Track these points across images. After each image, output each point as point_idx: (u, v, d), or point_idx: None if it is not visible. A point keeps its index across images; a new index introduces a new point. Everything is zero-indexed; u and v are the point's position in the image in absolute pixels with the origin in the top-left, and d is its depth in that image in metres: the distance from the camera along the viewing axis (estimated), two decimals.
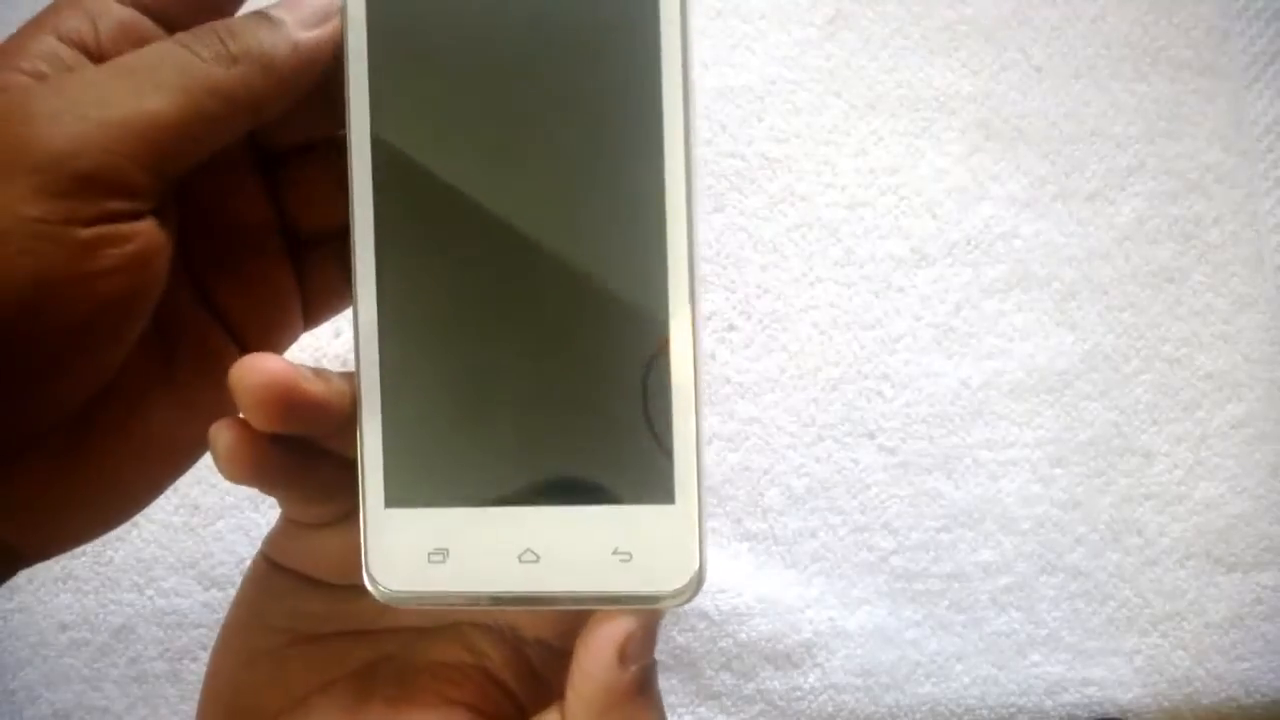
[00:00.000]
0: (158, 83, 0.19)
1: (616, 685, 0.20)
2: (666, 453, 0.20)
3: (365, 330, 0.21)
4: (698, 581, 0.20)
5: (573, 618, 0.22)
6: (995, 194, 0.40)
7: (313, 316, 0.25)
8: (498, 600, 0.20)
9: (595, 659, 0.20)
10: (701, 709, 0.37)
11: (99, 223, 0.19)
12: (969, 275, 0.40)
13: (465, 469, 0.21)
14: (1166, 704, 0.38)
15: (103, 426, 0.21)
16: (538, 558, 0.20)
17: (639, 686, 0.20)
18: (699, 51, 0.40)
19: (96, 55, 0.20)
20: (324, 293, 0.25)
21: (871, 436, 0.39)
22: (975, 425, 0.39)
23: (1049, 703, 0.38)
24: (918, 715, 0.37)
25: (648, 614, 0.20)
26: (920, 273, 0.40)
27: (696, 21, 0.19)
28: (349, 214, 0.21)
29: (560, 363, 0.20)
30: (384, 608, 0.22)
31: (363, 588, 0.21)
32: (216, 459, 0.20)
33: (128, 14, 0.21)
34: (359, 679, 0.23)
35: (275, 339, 0.24)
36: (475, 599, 0.21)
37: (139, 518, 0.36)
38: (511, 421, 0.21)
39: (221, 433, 0.20)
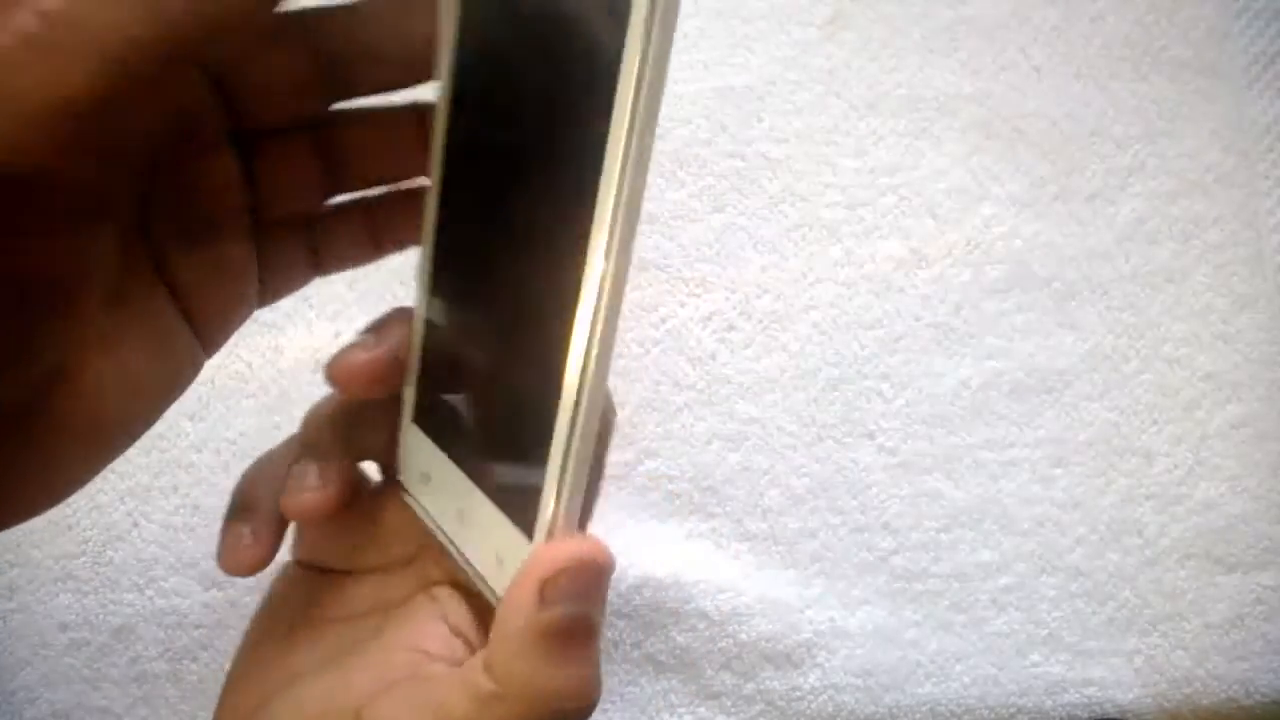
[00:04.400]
0: (70, 53, 0.17)
1: (532, 624, 0.19)
2: (533, 491, 0.20)
3: (422, 272, 0.23)
4: None
5: None
6: (995, 194, 0.40)
7: (267, 298, 0.25)
8: (441, 539, 0.22)
9: (515, 591, 0.19)
10: (701, 709, 0.37)
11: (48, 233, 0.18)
12: (969, 275, 0.40)
13: (448, 416, 0.23)
14: (1166, 704, 0.38)
15: (47, 409, 0.20)
16: (463, 522, 0.22)
17: (562, 633, 0.19)
18: (700, 52, 0.40)
19: None
20: (283, 275, 0.25)
21: (871, 437, 0.39)
22: (975, 425, 0.39)
23: (1049, 703, 0.38)
24: (918, 715, 0.37)
25: (587, 559, 0.19)
26: (920, 273, 0.40)
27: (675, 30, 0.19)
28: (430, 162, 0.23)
29: (502, 359, 0.21)
30: (377, 591, 0.24)
31: (364, 572, 0.24)
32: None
33: None
34: (348, 652, 0.24)
35: (227, 318, 0.24)
36: (434, 529, 0.23)
37: (139, 518, 0.36)
38: (475, 394, 0.22)
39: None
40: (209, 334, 0.23)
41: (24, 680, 0.35)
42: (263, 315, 0.39)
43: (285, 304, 0.39)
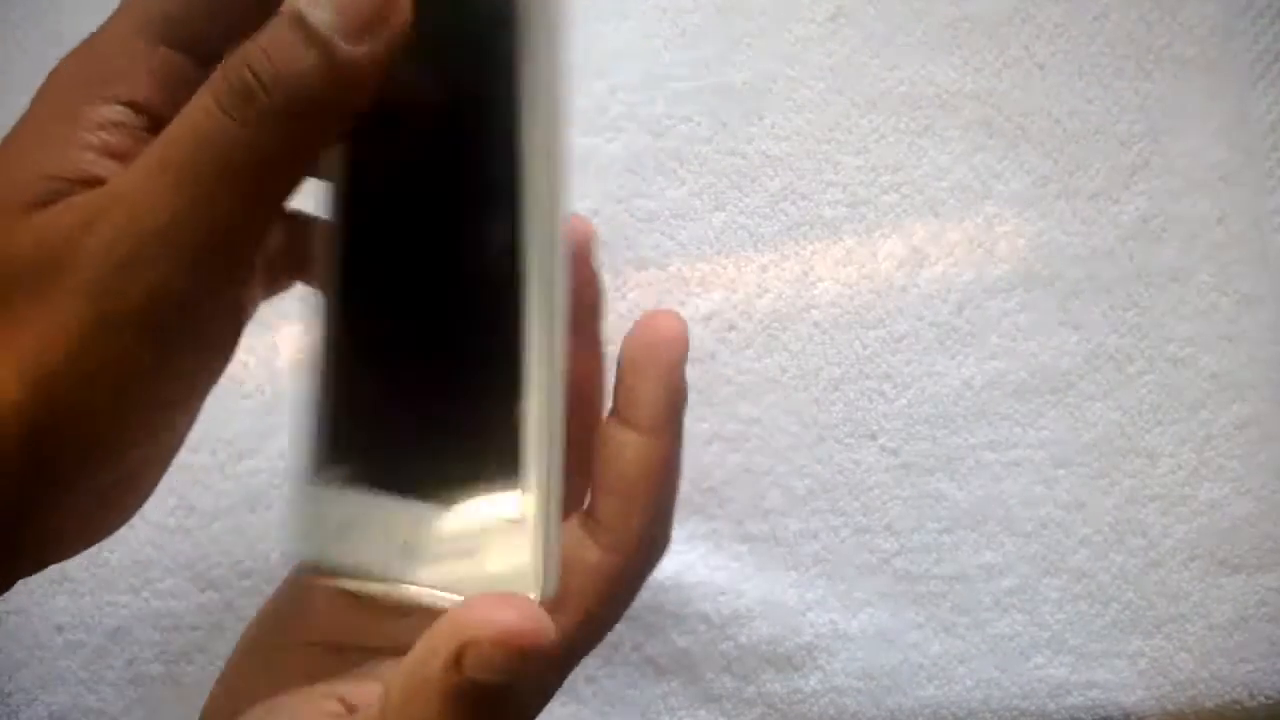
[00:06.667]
0: (196, 188, 0.18)
1: (438, 684, 0.17)
2: (510, 470, 0.20)
3: (320, 310, 0.22)
4: (541, 597, 0.20)
5: None
6: (998, 192, 0.40)
7: (274, 292, 0.25)
8: (382, 586, 0.21)
9: (433, 643, 0.18)
10: (702, 711, 0.37)
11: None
12: (972, 274, 0.40)
13: (365, 457, 0.21)
14: (1170, 706, 0.38)
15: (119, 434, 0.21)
16: (412, 552, 0.21)
17: (468, 701, 0.17)
18: (700, 49, 0.40)
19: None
20: (276, 269, 0.25)
21: (873, 437, 0.38)
22: (978, 426, 0.39)
23: (1052, 705, 0.37)
24: (920, 718, 0.37)
25: (503, 632, 0.17)
26: (922, 272, 0.39)
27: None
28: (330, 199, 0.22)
29: (428, 365, 0.21)
30: (379, 626, 0.22)
31: (379, 604, 0.21)
32: None
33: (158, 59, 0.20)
34: (340, 679, 0.23)
35: (237, 331, 0.23)
36: (366, 581, 0.21)
37: (135, 519, 0.36)
38: (399, 413, 0.21)
39: None
40: (221, 348, 0.23)
41: (20, 682, 0.35)
42: (260, 314, 0.39)
43: (283, 304, 0.39)
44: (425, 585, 0.20)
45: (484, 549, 0.20)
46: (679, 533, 0.37)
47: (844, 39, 0.40)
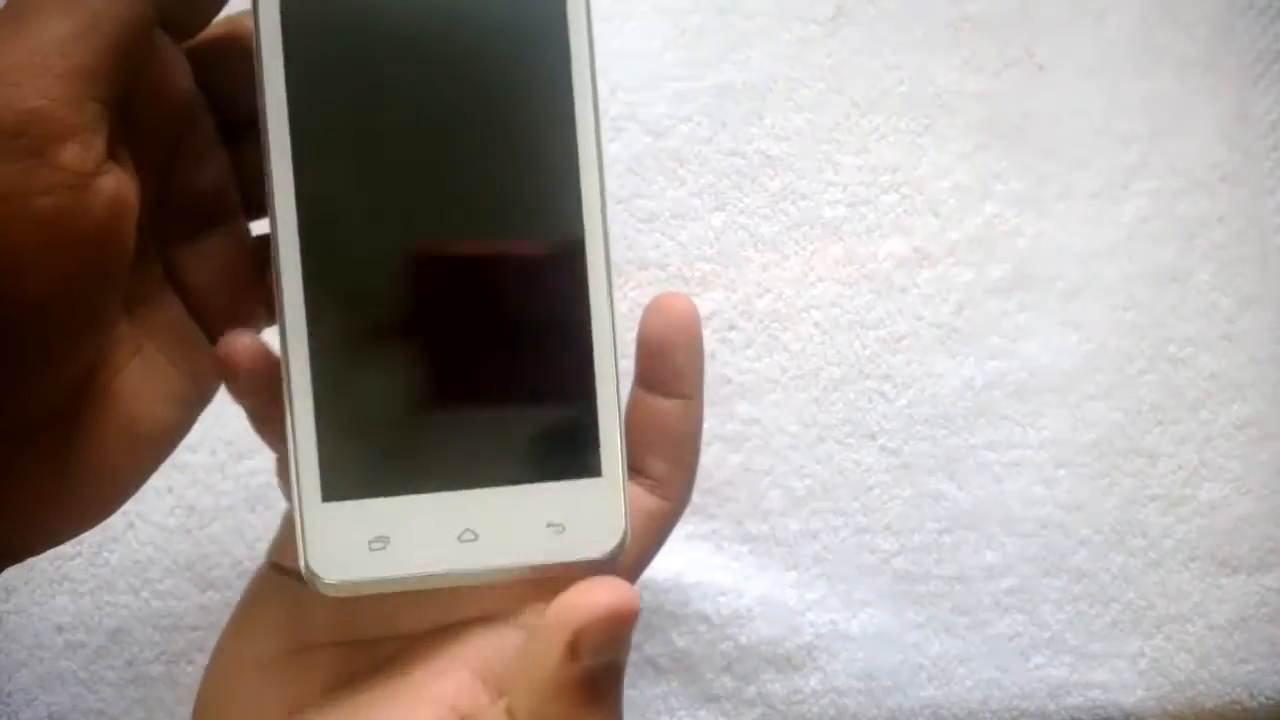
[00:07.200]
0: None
1: (562, 678, 0.19)
2: (591, 430, 0.22)
3: (293, 330, 0.21)
4: (622, 545, 0.22)
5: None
6: (998, 192, 0.40)
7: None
8: (439, 580, 0.22)
9: (545, 646, 0.19)
10: (702, 712, 0.37)
11: (57, 187, 0.18)
12: (972, 274, 0.39)
13: (402, 459, 0.22)
14: (1170, 707, 0.38)
15: (86, 418, 0.21)
16: (476, 536, 0.21)
17: (589, 685, 0.19)
18: (700, 49, 0.40)
19: None
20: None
21: (873, 437, 0.38)
22: (978, 426, 0.39)
23: (1052, 706, 0.37)
24: (920, 718, 0.37)
25: (622, 609, 0.19)
26: (923, 272, 0.39)
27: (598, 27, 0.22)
28: (269, 214, 0.21)
29: (487, 350, 0.22)
30: (384, 614, 0.22)
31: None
32: (231, 374, 0.21)
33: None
34: (351, 689, 0.23)
35: (238, 320, 0.24)
36: (418, 582, 0.22)
37: (135, 519, 0.36)
38: (446, 409, 0.22)
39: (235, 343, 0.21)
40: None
41: (20, 682, 0.35)
42: None
43: None
44: (497, 563, 0.21)
45: (562, 512, 0.21)
46: (679, 533, 0.37)
47: (844, 39, 0.40)
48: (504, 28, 0.21)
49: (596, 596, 0.19)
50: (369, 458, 0.22)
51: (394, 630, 0.24)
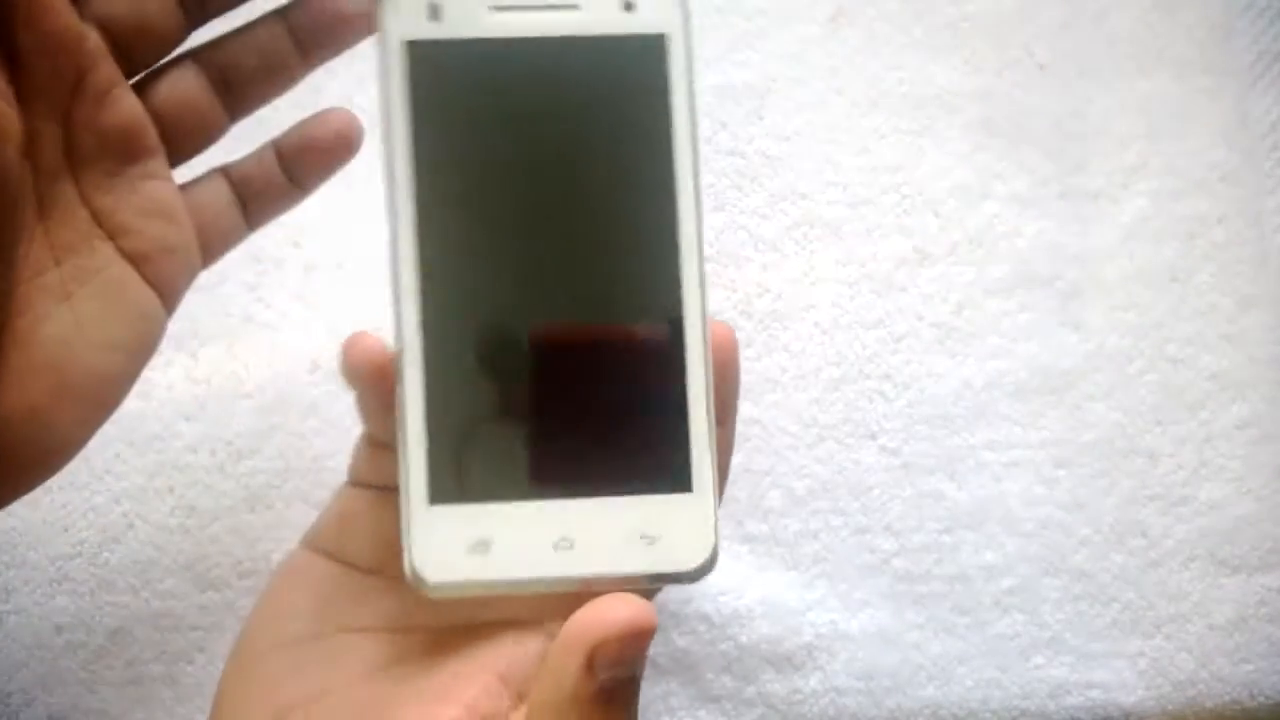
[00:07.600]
0: None
1: (580, 691, 0.19)
2: (684, 447, 0.23)
3: (409, 345, 0.23)
4: (713, 559, 0.23)
5: None
6: (998, 192, 0.40)
7: (206, 256, 0.25)
8: (534, 585, 0.23)
9: (563, 660, 0.20)
10: (701, 712, 0.37)
11: None
12: (972, 274, 0.39)
13: (506, 467, 0.23)
14: (1170, 707, 0.38)
15: (5, 364, 0.21)
16: (572, 545, 0.22)
17: (606, 698, 0.19)
18: (700, 48, 0.40)
19: None
20: (215, 227, 0.25)
21: (873, 437, 0.38)
22: (978, 426, 0.39)
23: (1052, 706, 0.37)
24: (920, 718, 0.37)
25: (640, 625, 0.20)
26: (922, 272, 0.39)
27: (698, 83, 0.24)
28: (390, 231, 0.23)
29: (591, 371, 0.23)
30: (413, 603, 0.23)
31: (395, 582, 0.23)
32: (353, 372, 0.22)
33: None
34: (374, 680, 0.23)
35: (174, 267, 0.24)
36: (514, 585, 0.22)
37: (135, 519, 0.36)
38: (549, 422, 0.23)
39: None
40: (160, 284, 0.24)
41: (20, 682, 0.35)
42: (259, 315, 0.39)
43: (282, 304, 0.39)
44: (590, 571, 0.22)
45: (654, 525, 0.22)
46: None
47: (844, 39, 0.40)
48: (613, 114, 0.25)
49: (614, 613, 0.20)
50: (475, 464, 0.23)
51: (424, 622, 0.24)
